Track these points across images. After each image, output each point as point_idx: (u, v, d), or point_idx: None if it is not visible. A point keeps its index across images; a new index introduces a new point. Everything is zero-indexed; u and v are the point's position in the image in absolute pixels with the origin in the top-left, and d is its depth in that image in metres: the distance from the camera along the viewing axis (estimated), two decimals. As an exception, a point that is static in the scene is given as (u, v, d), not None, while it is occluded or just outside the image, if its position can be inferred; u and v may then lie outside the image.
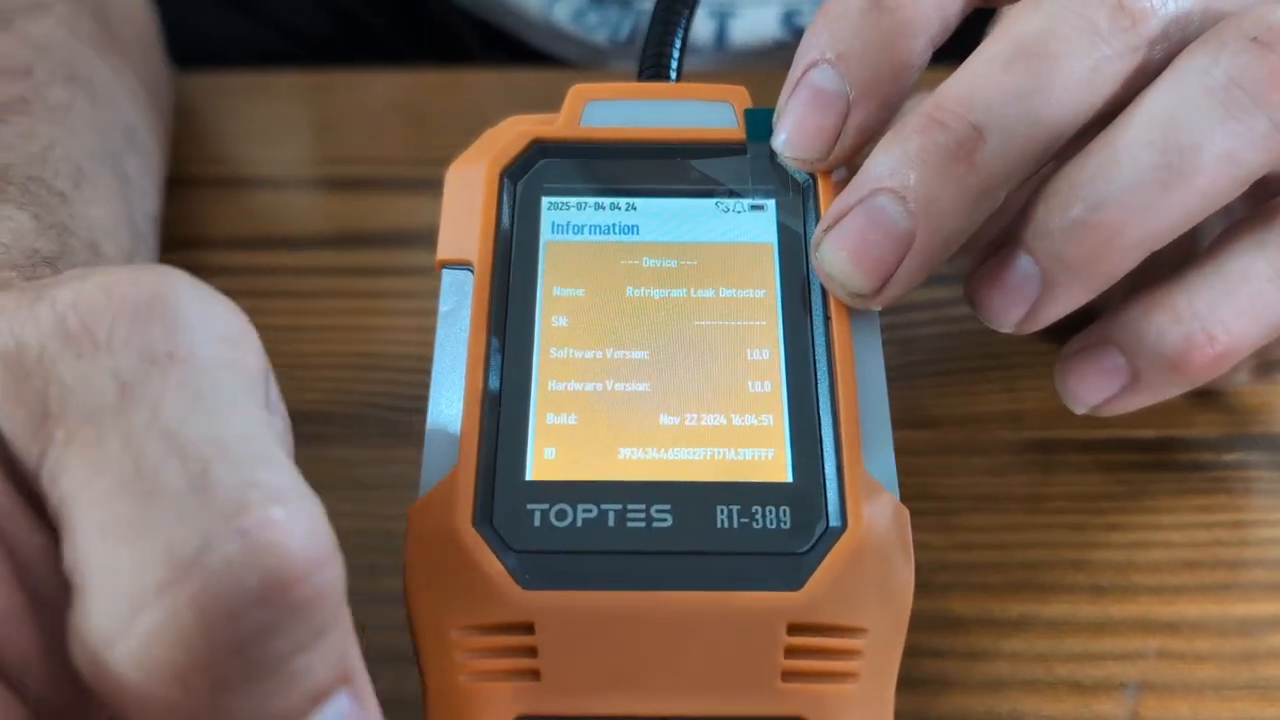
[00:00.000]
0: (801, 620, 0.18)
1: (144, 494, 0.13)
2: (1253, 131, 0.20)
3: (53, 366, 0.14)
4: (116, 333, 0.14)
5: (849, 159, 0.22)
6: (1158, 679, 0.24)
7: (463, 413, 0.19)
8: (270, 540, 0.13)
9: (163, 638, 0.13)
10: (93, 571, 0.14)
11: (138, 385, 0.14)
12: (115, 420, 0.14)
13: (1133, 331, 0.22)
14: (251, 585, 0.13)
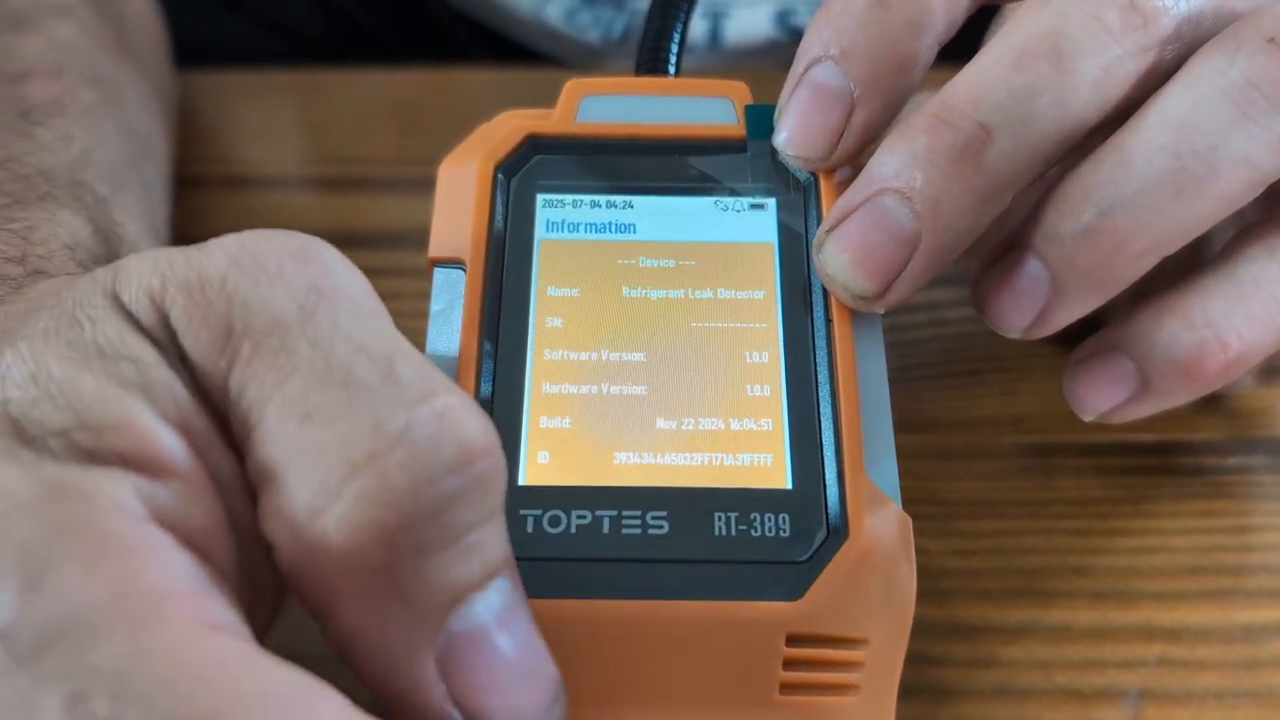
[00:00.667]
0: (801, 631, 0.17)
1: (340, 385, 0.15)
2: (1270, 134, 0.19)
3: (235, 291, 0.16)
4: (285, 267, 0.16)
5: (852, 158, 0.21)
6: (1159, 687, 0.24)
7: None
8: (458, 420, 0.15)
9: (375, 498, 0.14)
10: (295, 456, 0.15)
11: (313, 305, 0.16)
12: (301, 329, 0.15)
13: (1144, 338, 0.22)
14: (448, 455, 0.15)
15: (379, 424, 0.15)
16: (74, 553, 0.14)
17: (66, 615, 0.14)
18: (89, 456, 0.15)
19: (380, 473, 0.14)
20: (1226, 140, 0.19)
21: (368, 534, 0.14)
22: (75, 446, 0.15)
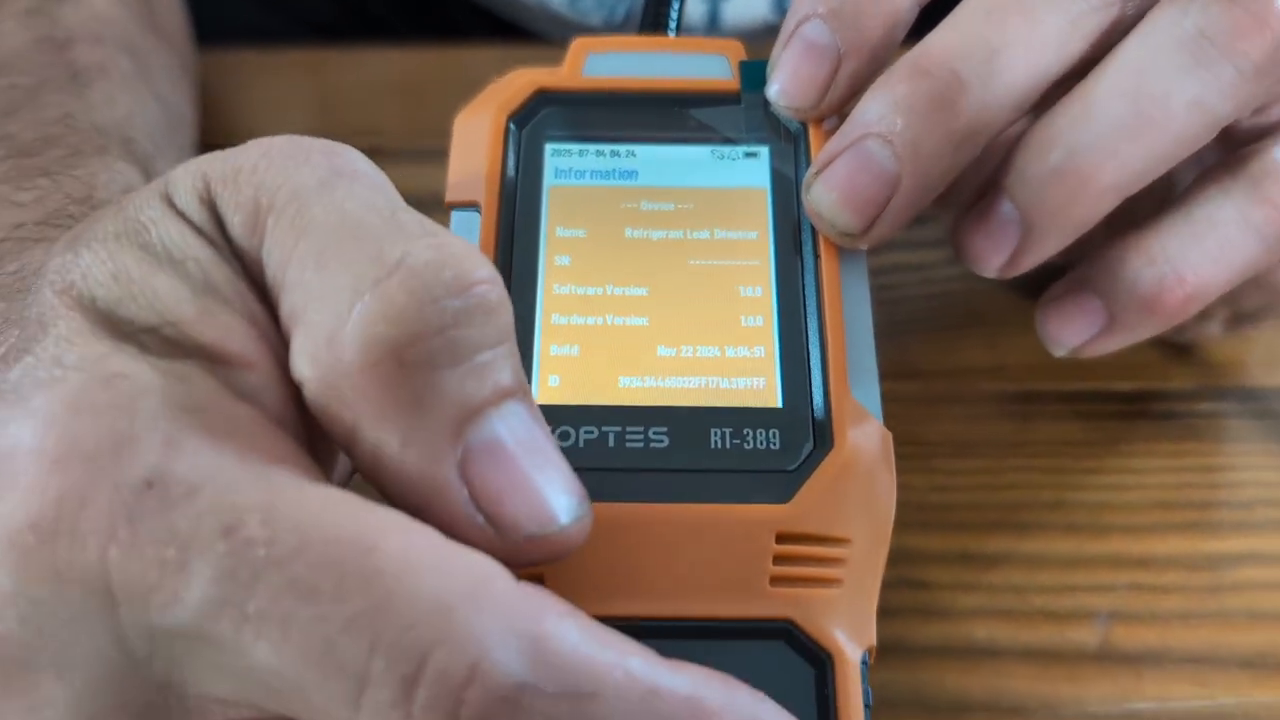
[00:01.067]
0: (789, 530, 0.19)
1: (349, 233, 0.16)
2: (1220, 80, 0.21)
3: (264, 174, 0.17)
4: (312, 156, 0.17)
5: (839, 108, 0.23)
6: (1127, 609, 0.26)
7: None
8: (455, 250, 0.17)
9: (381, 315, 0.16)
10: (313, 296, 0.16)
11: (333, 180, 0.17)
12: (317, 197, 0.17)
13: (1109, 276, 0.23)
14: (447, 277, 0.16)
15: (381, 255, 0.16)
16: (196, 425, 0.16)
17: (205, 469, 0.15)
18: (176, 351, 0.16)
19: (383, 293, 0.16)
20: (1180, 86, 0.21)
21: (377, 350, 0.16)
22: (164, 341, 0.17)
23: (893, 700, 0.24)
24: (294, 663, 0.14)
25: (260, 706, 0.15)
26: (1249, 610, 0.26)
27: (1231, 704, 0.24)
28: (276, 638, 0.14)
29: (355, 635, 0.14)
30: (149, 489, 0.15)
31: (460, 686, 0.14)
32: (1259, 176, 0.23)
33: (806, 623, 0.19)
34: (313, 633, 0.14)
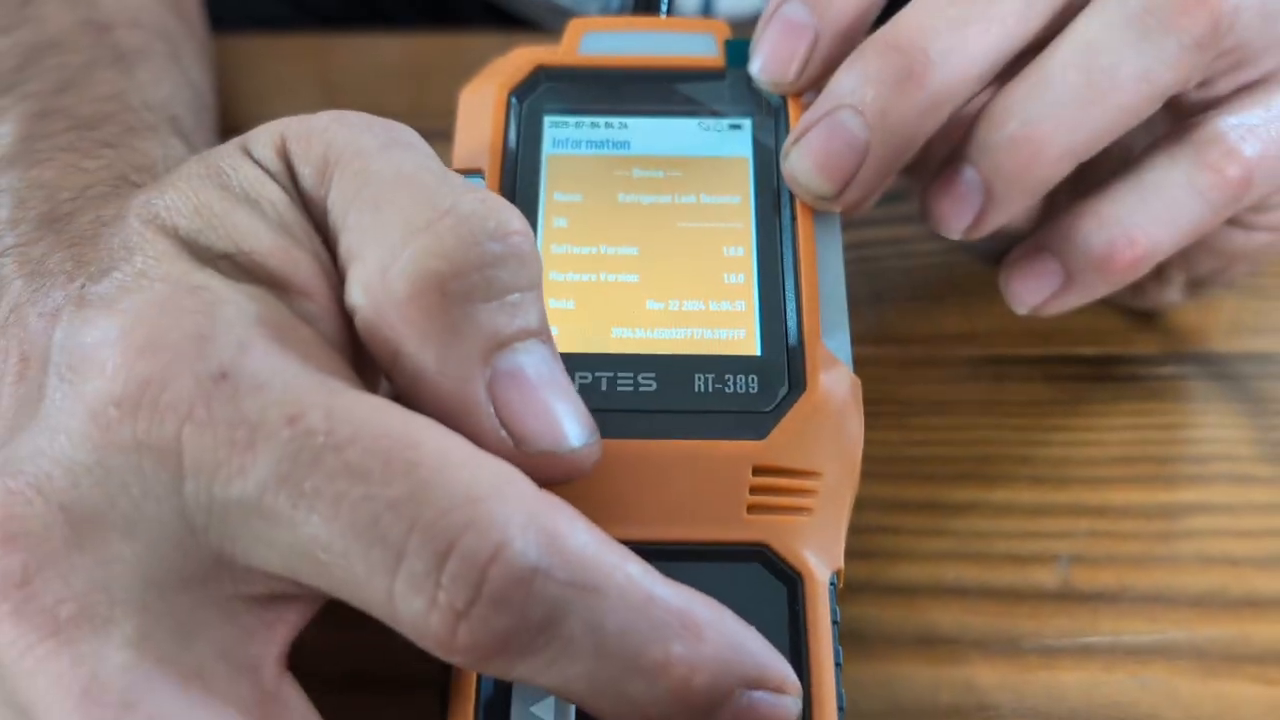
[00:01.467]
0: (764, 464, 0.21)
1: (405, 185, 0.19)
2: (1163, 53, 0.23)
3: (334, 134, 0.20)
4: (375, 124, 0.20)
5: (815, 83, 0.25)
6: (1087, 553, 0.28)
7: None
8: (498, 205, 0.19)
9: (430, 251, 0.18)
10: (368, 235, 0.18)
11: (391, 145, 0.19)
12: (377, 154, 0.19)
13: (1065, 237, 0.25)
14: (490, 225, 0.18)
15: (433, 202, 0.18)
16: (265, 334, 0.18)
17: (272, 369, 0.17)
18: (249, 276, 0.19)
19: (434, 233, 0.18)
20: (1128, 59, 0.23)
21: (424, 281, 0.18)
22: (238, 268, 0.19)
23: (863, 634, 0.26)
24: (342, 535, 0.16)
25: (301, 580, 0.17)
26: (1199, 555, 0.28)
27: (1180, 637, 0.26)
28: (328, 513, 0.16)
29: (397, 514, 0.16)
30: (223, 379, 0.17)
31: (484, 564, 0.16)
32: (1204, 144, 0.24)
33: (780, 546, 0.20)
34: (360, 509, 0.16)
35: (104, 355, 0.17)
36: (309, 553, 0.17)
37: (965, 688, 0.25)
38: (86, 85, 0.27)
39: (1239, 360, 0.32)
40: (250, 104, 0.42)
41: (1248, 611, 0.26)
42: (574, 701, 0.18)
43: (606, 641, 0.16)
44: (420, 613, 0.16)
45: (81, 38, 0.29)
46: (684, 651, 0.17)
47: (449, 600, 0.16)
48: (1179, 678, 0.25)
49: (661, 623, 0.17)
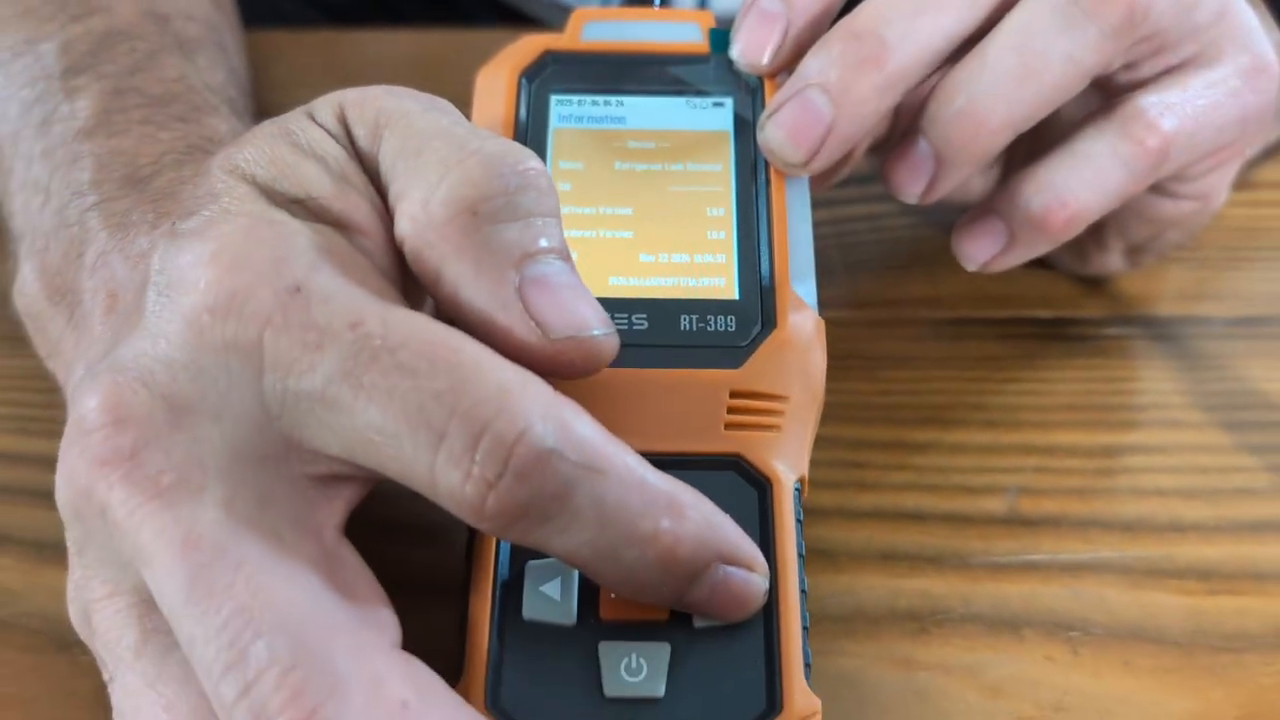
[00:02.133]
0: (740, 388, 0.24)
1: (442, 135, 0.22)
2: (1087, 38, 0.26)
3: (384, 100, 0.23)
4: (419, 94, 0.24)
5: (787, 65, 0.28)
6: (1033, 485, 0.31)
7: None
8: (518, 146, 0.22)
9: (462, 180, 0.21)
10: (414, 174, 0.22)
11: (431, 107, 0.23)
12: (420, 115, 0.23)
13: (1007, 201, 0.29)
14: (510, 160, 0.22)
15: (464, 144, 0.22)
16: (331, 260, 0.21)
17: (337, 285, 0.21)
18: (315, 217, 0.22)
19: (464, 168, 0.21)
20: (1056, 43, 0.26)
21: (458, 205, 0.21)
22: (307, 210, 0.22)
23: (833, 551, 0.29)
24: (394, 420, 0.20)
25: (357, 461, 0.20)
26: (1133, 488, 0.31)
27: (1112, 557, 0.29)
28: (383, 402, 0.20)
29: (440, 403, 0.20)
30: (297, 292, 0.20)
31: (510, 445, 0.19)
32: (1127, 119, 0.28)
33: (752, 457, 0.24)
34: (410, 399, 0.20)
35: (197, 274, 0.21)
36: (365, 436, 0.20)
37: (920, 596, 0.28)
38: (154, 68, 0.31)
39: (1177, 323, 0.36)
40: (274, 93, 0.45)
41: (1171, 535, 0.30)
42: (579, 566, 0.21)
43: (607, 514, 0.20)
44: (457, 484, 0.20)
45: (147, 26, 0.32)
46: (670, 526, 0.20)
47: (481, 473, 0.19)
48: (1108, 589, 0.29)
49: (652, 501, 0.20)
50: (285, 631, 0.18)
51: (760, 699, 0.22)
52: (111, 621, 0.21)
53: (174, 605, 0.19)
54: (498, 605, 0.22)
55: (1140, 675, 0.27)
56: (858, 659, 0.27)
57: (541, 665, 0.22)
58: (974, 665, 0.27)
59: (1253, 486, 0.31)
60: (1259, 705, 0.26)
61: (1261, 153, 0.40)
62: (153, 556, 0.19)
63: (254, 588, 0.19)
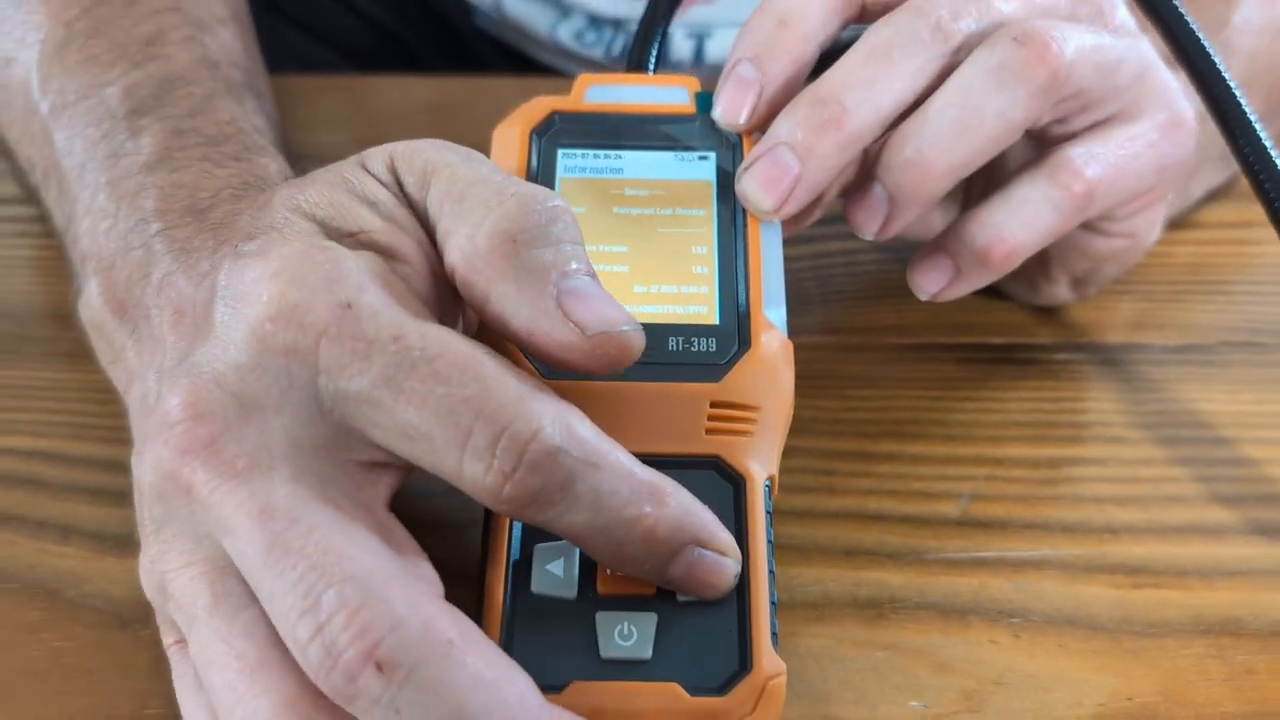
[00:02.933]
0: (719, 399, 0.28)
1: (481, 181, 0.27)
2: (1016, 97, 0.30)
3: (430, 153, 0.27)
4: (456, 147, 0.28)
5: (761, 125, 0.32)
6: (984, 491, 0.35)
7: None
8: (544, 189, 0.27)
9: (502, 217, 0.26)
10: (458, 217, 0.26)
11: (470, 158, 0.28)
12: (462, 165, 0.27)
13: (954, 239, 0.33)
14: (541, 197, 0.26)
15: (502, 189, 0.26)
16: (377, 282, 0.25)
17: (382, 304, 0.25)
18: (366, 248, 0.26)
19: (504, 206, 0.26)
20: (990, 101, 0.30)
21: (501, 237, 0.25)
22: (358, 242, 0.26)
23: (803, 547, 0.33)
24: (428, 420, 0.24)
25: (396, 452, 0.25)
26: (1073, 495, 0.35)
27: (1052, 554, 0.33)
28: (419, 404, 0.24)
29: (468, 406, 0.24)
30: (349, 308, 0.24)
31: (525, 443, 0.24)
32: (1056, 167, 0.32)
33: (729, 457, 0.28)
34: (442, 403, 0.24)
35: (260, 289, 0.25)
36: (403, 432, 0.24)
37: (879, 586, 0.32)
38: (210, 111, 0.35)
39: (1121, 349, 0.40)
40: (299, 134, 0.48)
41: (1106, 536, 0.34)
42: (577, 543, 0.25)
43: (601, 500, 0.24)
44: (480, 474, 0.24)
45: (201, 72, 0.37)
46: (652, 510, 0.24)
47: (500, 466, 0.23)
48: (1047, 583, 0.32)
49: (637, 490, 0.24)
50: (351, 582, 0.22)
51: (733, 660, 0.25)
52: (187, 587, 0.25)
53: (254, 566, 0.23)
54: (510, 581, 0.26)
55: (1072, 656, 0.31)
56: (824, 639, 0.31)
57: (547, 631, 0.26)
58: (925, 646, 0.31)
59: (1181, 494, 0.35)
60: (1176, 683, 0.30)
61: (1205, 195, 0.44)
62: (234, 526, 0.23)
63: (323, 548, 0.23)
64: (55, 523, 0.33)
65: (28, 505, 0.34)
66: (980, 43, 0.31)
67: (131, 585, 0.31)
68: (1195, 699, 0.30)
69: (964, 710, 0.29)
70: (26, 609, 0.31)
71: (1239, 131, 0.34)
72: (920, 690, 0.30)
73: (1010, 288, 0.40)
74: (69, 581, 0.32)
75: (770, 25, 0.32)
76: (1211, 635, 0.31)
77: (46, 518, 0.33)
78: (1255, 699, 0.30)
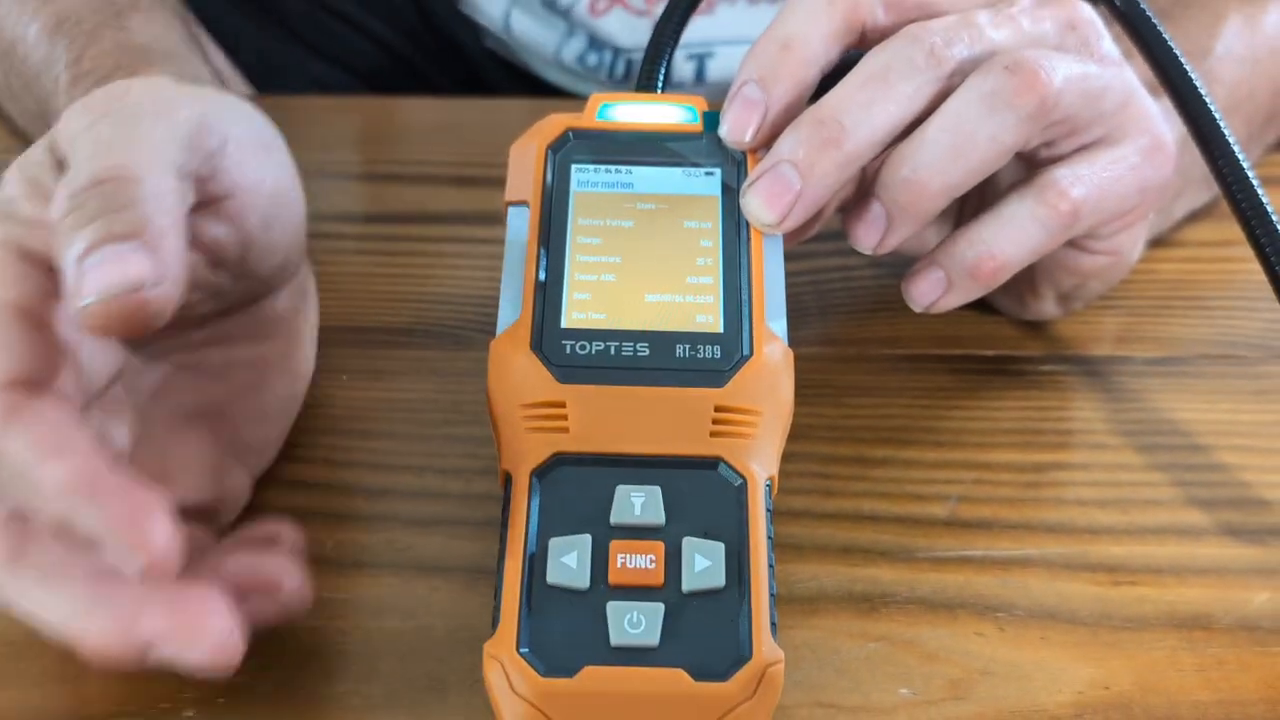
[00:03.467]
0: (723, 404, 0.30)
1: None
2: (1006, 122, 0.32)
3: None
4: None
5: (765, 143, 0.34)
6: (972, 494, 0.37)
7: (523, 289, 0.32)
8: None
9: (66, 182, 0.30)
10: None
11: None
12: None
13: (947, 254, 0.35)
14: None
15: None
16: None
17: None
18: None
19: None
20: (982, 126, 0.32)
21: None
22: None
23: (800, 545, 0.35)
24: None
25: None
26: (1056, 498, 0.37)
27: (1035, 553, 0.35)
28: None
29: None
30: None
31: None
32: (1043, 187, 0.34)
33: (732, 458, 0.30)
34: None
35: None
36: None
37: (872, 582, 0.34)
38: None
39: (1104, 361, 0.42)
40: (313, 154, 0.50)
41: (1087, 536, 0.36)
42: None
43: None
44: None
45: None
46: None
47: None
48: (1031, 579, 0.34)
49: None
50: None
51: (735, 648, 0.27)
52: None
53: None
54: (526, 572, 0.28)
55: (1053, 648, 0.32)
56: (820, 631, 0.33)
57: (561, 619, 0.27)
58: (915, 638, 0.32)
59: (1158, 498, 0.37)
60: (1150, 673, 0.32)
61: (1187, 216, 0.46)
62: None
63: None
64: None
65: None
66: (972, 69, 0.33)
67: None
68: (1168, 688, 0.31)
69: (951, 697, 0.31)
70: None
71: (1220, 156, 0.36)
72: (910, 679, 0.31)
73: (1000, 302, 0.41)
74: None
75: (775, 49, 0.34)
76: (1184, 629, 0.33)
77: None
78: (1224, 688, 0.31)
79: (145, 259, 0.27)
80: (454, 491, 0.36)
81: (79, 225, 0.28)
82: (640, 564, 0.28)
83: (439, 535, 0.35)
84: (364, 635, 0.32)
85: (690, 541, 0.28)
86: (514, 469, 0.29)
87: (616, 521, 0.29)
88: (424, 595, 0.33)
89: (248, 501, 0.34)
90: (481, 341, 0.41)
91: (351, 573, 0.34)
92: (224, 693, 0.30)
